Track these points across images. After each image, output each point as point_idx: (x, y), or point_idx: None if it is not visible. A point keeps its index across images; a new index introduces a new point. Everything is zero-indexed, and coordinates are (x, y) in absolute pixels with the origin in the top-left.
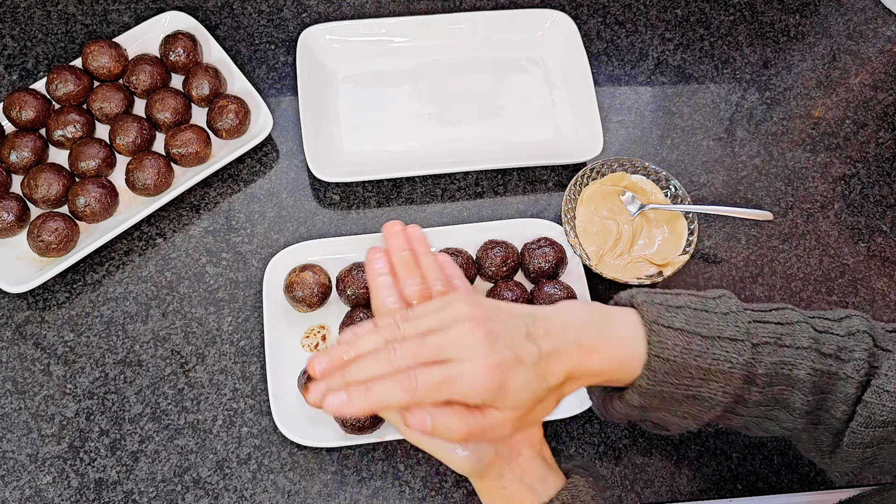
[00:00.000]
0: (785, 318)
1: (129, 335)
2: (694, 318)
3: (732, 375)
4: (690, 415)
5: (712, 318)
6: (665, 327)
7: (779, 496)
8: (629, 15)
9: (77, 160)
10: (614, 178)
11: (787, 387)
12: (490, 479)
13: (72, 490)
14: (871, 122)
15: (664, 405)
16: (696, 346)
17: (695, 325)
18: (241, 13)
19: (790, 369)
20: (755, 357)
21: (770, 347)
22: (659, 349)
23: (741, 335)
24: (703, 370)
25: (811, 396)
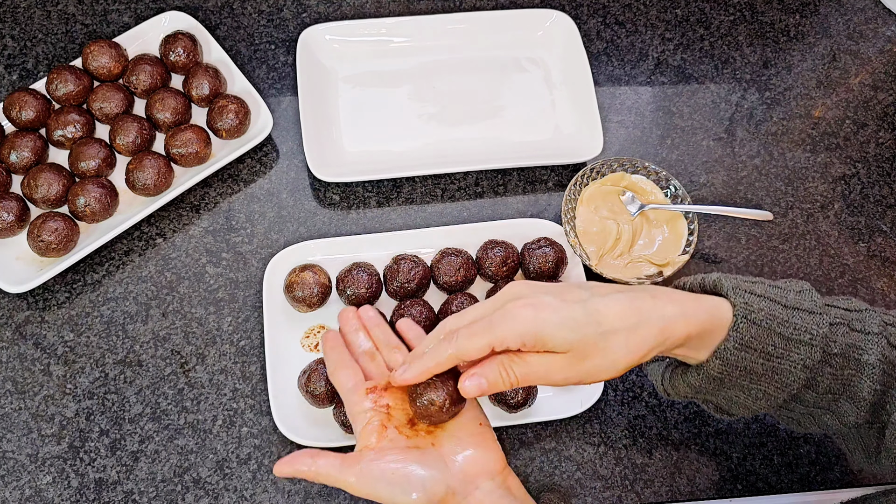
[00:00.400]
0: (854, 306)
1: (129, 335)
2: (771, 290)
3: (812, 347)
4: (765, 393)
5: (788, 293)
6: (748, 293)
7: (779, 496)
8: (629, 15)
9: (77, 160)
10: (614, 178)
11: (856, 371)
12: None
13: (72, 490)
14: (871, 122)
15: (742, 379)
16: (779, 314)
17: (774, 295)
18: (241, 13)
19: (860, 353)
20: (831, 334)
21: (843, 328)
22: (745, 311)
23: (818, 308)
24: (785, 339)
25: (878, 385)
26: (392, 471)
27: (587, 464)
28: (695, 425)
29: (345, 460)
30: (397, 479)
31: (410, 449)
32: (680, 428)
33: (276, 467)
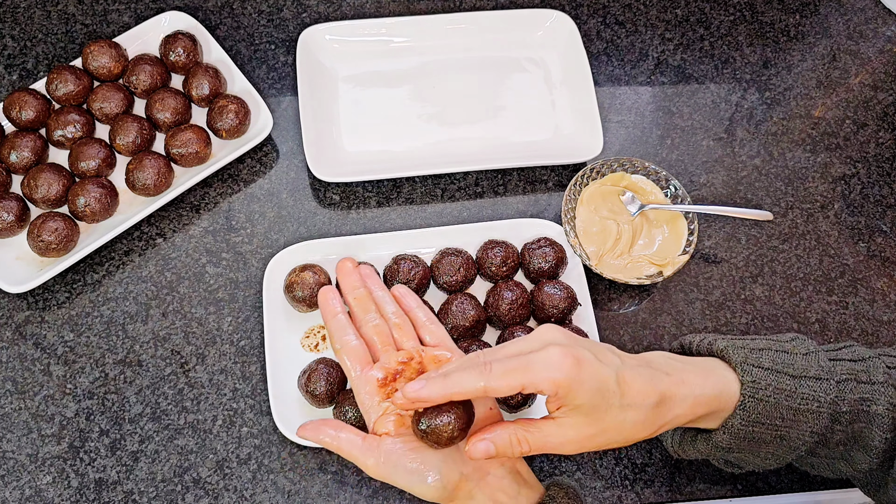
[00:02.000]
0: (857, 355)
1: (129, 335)
2: (779, 358)
3: (820, 415)
4: (773, 455)
5: (795, 359)
6: (755, 367)
7: (779, 496)
8: (629, 15)
9: (77, 160)
10: (614, 178)
11: (866, 424)
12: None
13: (72, 490)
14: (871, 122)
15: (750, 446)
16: (786, 386)
17: (782, 366)
18: (241, 13)
19: (869, 405)
20: (839, 395)
21: (851, 384)
22: (753, 389)
23: (825, 374)
24: (793, 410)
25: (889, 434)
26: (410, 458)
27: (587, 464)
28: None
29: (366, 441)
30: (415, 466)
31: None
32: None
33: (300, 431)
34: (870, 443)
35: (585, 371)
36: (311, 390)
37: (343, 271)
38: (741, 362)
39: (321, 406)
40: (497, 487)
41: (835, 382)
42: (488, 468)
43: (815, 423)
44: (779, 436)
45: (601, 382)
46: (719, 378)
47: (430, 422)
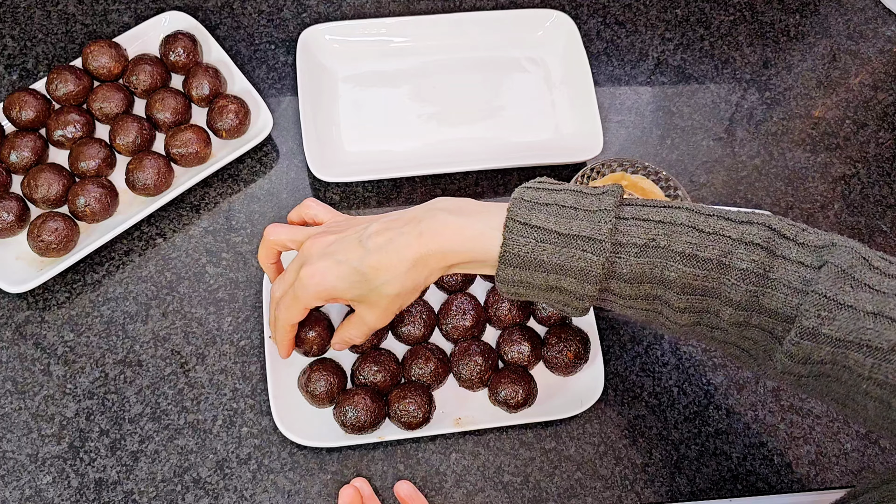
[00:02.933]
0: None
1: (129, 335)
2: (556, 215)
3: (589, 273)
4: (562, 302)
5: (577, 216)
6: (521, 223)
7: (779, 496)
8: (629, 15)
9: (77, 160)
10: (614, 177)
11: (658, 284)
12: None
13: (72, 490)
14: (871, 122)
15: (532, 293)
16: (550, 245)
17: (554, 223)
18: (241, 13)
19: (660, 270)
20: (618, 255)
21: (636, 248)
22: (510, 244)
23: (601, 235)
24: (558, 266)
25: (686, 295)
26: None
27: (587, 464)
28: (695, 425)
29: None
30: None
31: None
32: (680, 428)
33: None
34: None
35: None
36: (311, 390)
37: None
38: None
39: (321, 406)
40: None
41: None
42: None
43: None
44: (552, 286)
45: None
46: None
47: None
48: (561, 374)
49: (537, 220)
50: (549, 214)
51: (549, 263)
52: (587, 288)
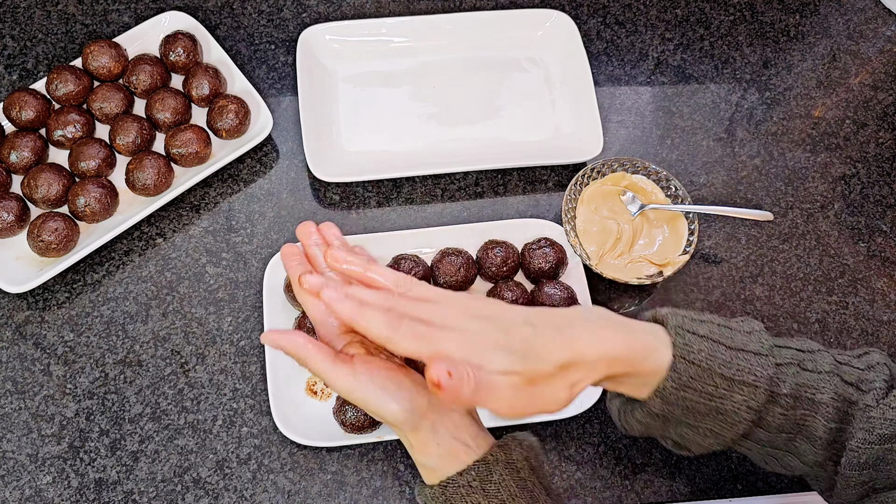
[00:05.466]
0: (806, 347)
1: (129, 335)
2: (718, 330)
3: (757, 389)
4: (712, 432)
5: (736, 334)
6: (690, 333)
7: (779, 496)
8: (629, 15)
9: (77, 160)
10: (615, 177)
11: (809, 411)
12: (424, 434)
13: (72, 490)
14: (871, 122)
15: (686, 417)
16: (722, 355)
17: (719, 336)
18: (241, 13)
19: (813, 392)
20: (778, 375)
21: (793, 368)
22: (684, 351)
23: (765, 350)
24: (728, 380)
25: (833, 423)
26: (385, 376)
27: (587, 464)
28: None
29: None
30: (389, 385)
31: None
32: None
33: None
34: (814, 432)
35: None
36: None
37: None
38: (677, 326)
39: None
40: (459, 425)
41: (774, 362)
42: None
43: (750, 397)
44: (714, 407)
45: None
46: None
47: None
48: None
49: (704, 331)
50: (711, 328)
51: (719, 375)
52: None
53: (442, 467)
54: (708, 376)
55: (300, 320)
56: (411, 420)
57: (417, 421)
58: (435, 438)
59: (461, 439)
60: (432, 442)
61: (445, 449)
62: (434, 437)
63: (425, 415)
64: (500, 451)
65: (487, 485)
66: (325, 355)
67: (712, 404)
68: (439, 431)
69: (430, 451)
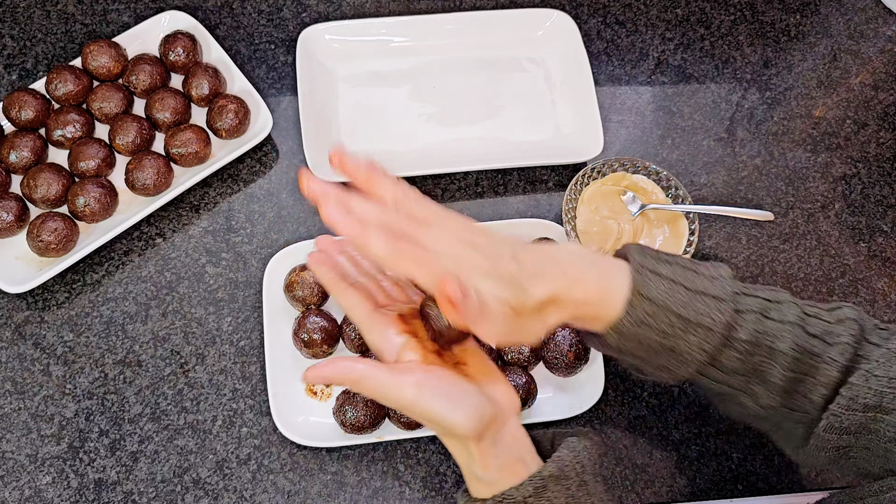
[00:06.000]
0: (775, 297)
1: (129, 335)
2: (681, 272)
3: (711, 332)
4: (665, 368)
5: (699, 278)
6: (651, 272)
7: (779, 496)
8: (629, 15)
9: (77, 160)
10: (615, 177)
11: (767, 357)
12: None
13: (71, 490)
14: (871, 121)
15: (640, 352)
16: (680, 296)
17: (681, 278)
18: (240, 13)
19: (772, 341)
20: (737, 321)
21: (754, 315)
22: (642, 287)
23: (725, 296)
24: (683, 320)
25: (790, 372)
26: (451, 384)
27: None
28: (695, 425)
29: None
30: (456, 393)
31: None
32: (680, 428)
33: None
34: (770, 378)
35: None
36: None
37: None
38: (640, 265)
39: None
40: (517, 437)
41: (733, 308)
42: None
43: (704, 339)
44: (668, 346)
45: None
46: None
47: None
48: (561, 374)
49: (665, 271)
50: (673, 270)
51: (675, 315)
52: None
53: (498, 481)
54: (664, 314)
55: (300, 320)
56: (478, 429)
57: (484, 427)
58: (495, 451)
59: (518, 453)
60: (492, 454)
61: (504, 462)
62: (494, 450)
63: (490, 425)
64: (553, 465)
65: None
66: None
67: (666, 343)
68: (499, 444)
69: (490, 464)
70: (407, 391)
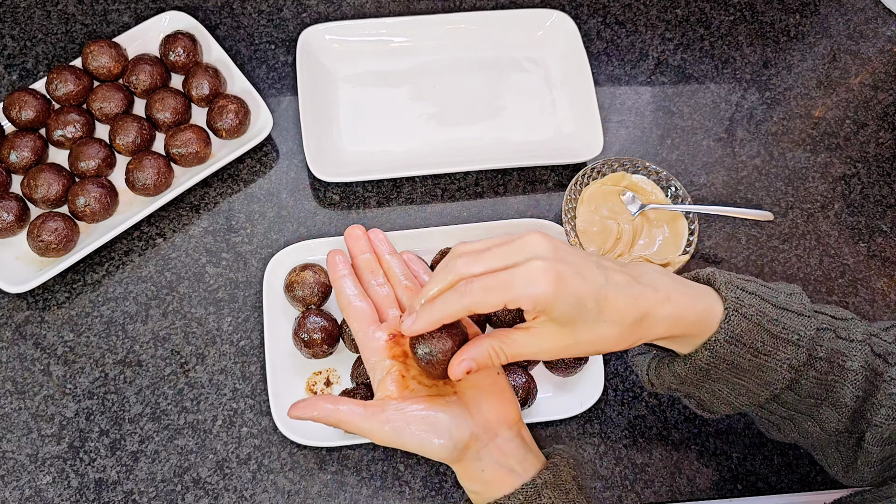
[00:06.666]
0: (840, 314)
1: (129, 335)
2: (763, 289)
3: (799, 348)
4: (748, 390)
5: (779, 294)
6: (740, 289)
7: (779, 496)
8: (629, 15)
9: (77, 160)
10: (615, 177)
11: (839, 377)
12: (468, 462)
13: (71, 490)
14: (871, 121)
15: (727, 372)
16: (770, 312)
17: (766, 295)
18: (240, 13)
19: (844, 360)
20: (817, 338)
21: (829, 334)
22: (737, 305)
23: (807, 312)
24: (774, 337)
25: (860, 392)
26: (418, 419)
27: (587, 464)
28: (695, 425)
29: (367, 408)
30: (424, 426)
31: (433, 397)
32: (680, 428)
33: (293, 410)
34: (840, 399)
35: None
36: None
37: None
38: (726, 283)
39: None
40: (505, 450)
41: (815, 325)
42: (497, 430)
43: (793, 356)
44: (757, 364)
45: (579, 299)
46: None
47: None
48: (561, 374)
49: (752, 288)
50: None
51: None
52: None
53: (487, 492)
54: (757, 331)
55: (300, 320)
56: (453, 455)
57: (460, 453)
58: (479, 466)
59: (507, 465)
60: (476, 470)
61: (490, 475)
62: (478, 465)
63: (469, 445)
64: (548, 473)
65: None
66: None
67: (757, 360)
68: (483, 459)
69: (475, 478)
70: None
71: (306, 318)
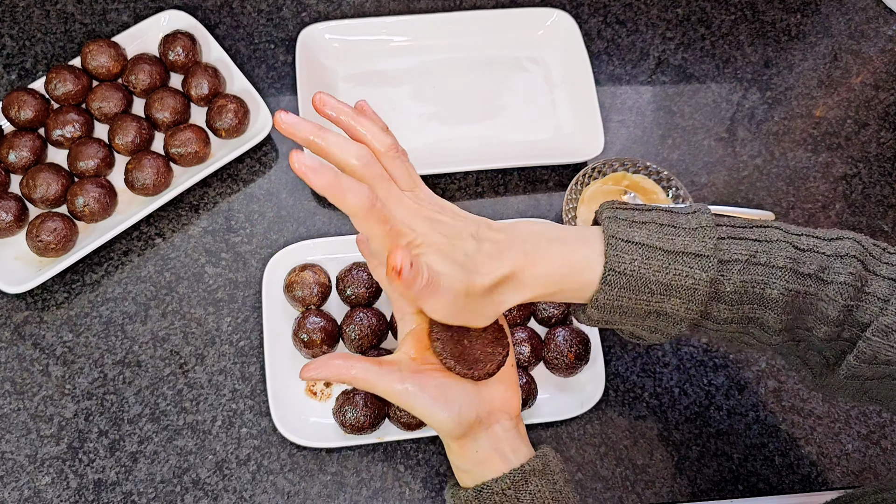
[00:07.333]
0: (765, 236)
1: (128, 335)
2: (658, 232)
3: (696, 291)
4: (657, 328)
5: (678, 234)
6: (624, 241)
7: (780, 497)
8: (630, 14)
9: (76, 160)
10: (616, 177)
11: (758, 305)
12: (465, 441)
13: (70, 491)
14: (872, 121)
15: (627, 319)
16: (657, 261)
17: (657, 240)
18: (240, 12)
19: (762, 288)
20: (722, 274)
21: (739, 265)
22: (615, 262)
23: (707, 251)
24: (664, 285)
25: (786, 315)
26: (433, 387)
27: (588, 465)
28: (696, 426)
29: (383, 366)
30: (436, 395)
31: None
32: (681, 429)
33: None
34: (766, 323)
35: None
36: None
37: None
38: (611, 235)
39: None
40: (501, 438)
41: (717, 261)
42: (499, 417)
43: (689, 299)
44: (653, 310)
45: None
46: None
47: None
48: (561, 374)
49: (639, 237)
50: (649, 232)
51: (654, 282)
52: (691, 309)
53: (477, 472)
54: (642, 284)
55: (299, 321)
56: (458, 430)
57: (463, 431)
58: (475, 447)
59: (500, 450)
60: (471, 450)
61: (483, 456)
62: (474, 446)
63: (472, 427)
64: (537, 461)
65: (522, 493)
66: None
67: (650, 308)
68: (480, 441)
69: (468, 457)
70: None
71: (306, 319)
